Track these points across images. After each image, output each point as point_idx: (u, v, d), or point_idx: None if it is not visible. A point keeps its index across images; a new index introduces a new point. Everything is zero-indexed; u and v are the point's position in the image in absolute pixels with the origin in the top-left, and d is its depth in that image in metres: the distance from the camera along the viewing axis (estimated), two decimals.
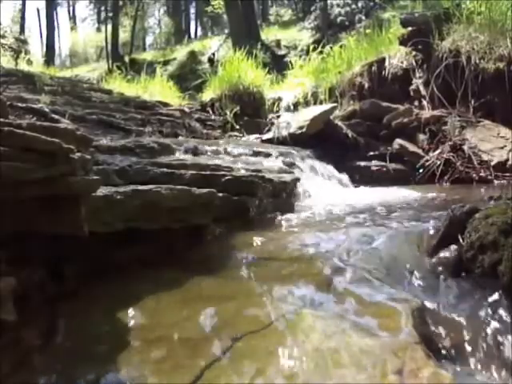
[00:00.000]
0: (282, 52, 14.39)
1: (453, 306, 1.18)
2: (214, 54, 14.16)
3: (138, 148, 2.46)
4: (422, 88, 4.45)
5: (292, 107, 5.47)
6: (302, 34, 15.26)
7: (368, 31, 6.23)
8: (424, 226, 1.76)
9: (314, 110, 4.36)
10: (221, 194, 1.96)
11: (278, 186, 2.49)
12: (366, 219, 2.17)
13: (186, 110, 5.53)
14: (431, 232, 1.54)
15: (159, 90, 6.80)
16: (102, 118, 4.17)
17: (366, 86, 4.90)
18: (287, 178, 2.67)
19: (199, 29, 28.88)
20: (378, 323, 1.08)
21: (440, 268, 1.36)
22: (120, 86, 6.94)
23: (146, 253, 1.62)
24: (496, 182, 3.36)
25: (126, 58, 17.07)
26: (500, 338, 1.04)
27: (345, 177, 3.62)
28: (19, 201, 1.17)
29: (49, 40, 22.59)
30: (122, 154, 2.30)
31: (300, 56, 7.55)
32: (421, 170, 3.66)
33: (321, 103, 5.09)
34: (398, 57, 4.80)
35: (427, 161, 3.68)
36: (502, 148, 3.55)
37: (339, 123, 4.25)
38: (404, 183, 3.57)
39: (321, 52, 6.13)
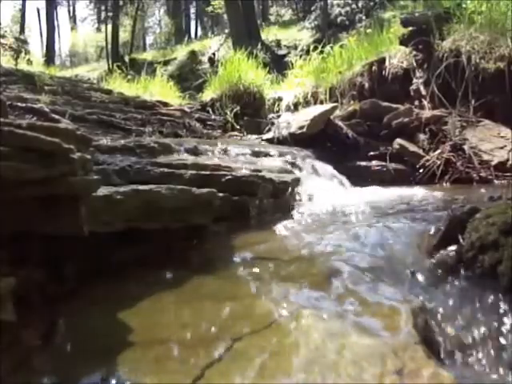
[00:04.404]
0: (282, 52, 14.37)
1: (453, 306, 1.18)
2: (214, 54, 14.16)
3: (138, 148, 2.46)
4: (422, 88, 4.45)
5: (292, 107, 5.46)
6: (302, 34, 15.25)
7: (368, 31, 6.23)
8: (424, 226, 1.76)
9: (314, 110, 4.35)
10: (221, 194, 1.96)
11: (278, 186, 2.49)
12: (366, 219, 2.17)
13: (186, 109, 5.52)
14: (431, 232, 1.53)
15: (159, 89, 6.79)
16: (102, 117, 4.17)
17: (367, 85, 4.90)
18: (287, 178, 2.67)
19: (199, 29, 28.91)
20: (378, 323, 1.08)
21: (440, 268, 1.36)
22: (120, 85, 6.93)
23: (146, 253, 1.62)
24: (496, 181, 3.36)
25: (126, 58, 17.05)
26: (500, 338, 1.04)
27: (345, 177, 3.62)
28: (19, 201, 1.17)
29: (49, 40, 22.60)
30: (122, 154, 2.30)
31: (300, 56, 7.53)
32: (421, 170, 3.66)
33: (321, 103, 5.08)
34: (398, 57, 4.79)
35: (427, 161, 3.67)
36: (502, 148, 3.55)
37: (339, 123, 4.24)
38: (404, 183, 3.56)
39: (321, 52, 6.12)
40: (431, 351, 0.97)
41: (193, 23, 29.04)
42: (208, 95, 6.18)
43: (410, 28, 4.68)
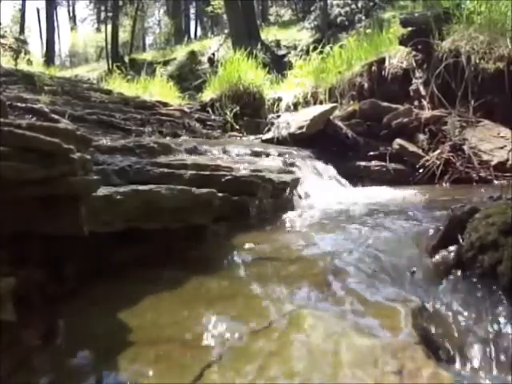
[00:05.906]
0: (282, 52, 14.38)
1: (452, 306, 1.18)
2: (213, 54, 14.17)
3: (137, 148, 2.47)
4: (421, 88, 4.45)
5: (292, 107, 5.47)
6: (302, 34, 15.26)
7: (368, 31, 6.25)
8: (424, 225, 1.77)
9: (314, 110, 4.36)
10: (221, 194, 1.96)
11: (278, 186, 2.49)
12: (366, 219, 2.17)
13: (186, 109, 5.53)
14: (431, 232, 1.54)
15: (159, 90, 6.80)
16: (102, 118, 4.17)
17: (366, 86, 4.91)
18: (287, 178, 2.67)
19: (199, 29, 28.92)
20: (378, 323, 1.08)
21: (440, 268, 1.36)
22: (120, 86, 6.94)
23: (146, 253, 1.62)
24: (496, 182, 3.36)
25: (126, 58, 17.06)
26: (500, 338, 1.04)
27: (344, 177, 3.62)
28: (19, 201, 1.16)
29: (49, 40, 22.61)
30: (122, 154, 2.30)
31: (300, 56, 7.55)
32: (421, 170, 3.66)
33: (321, 103, 5.09)
34: (397, 57, 4.80)
35: (427, 161, 3.68)
36: (501, 148, 3.56)
37: (339, 123, 4.25)
38: (404, 183, 3.57)
39: (321, 52, 6.13)
40: (431, 351, 0.97)
41: (192, 23, 29.10)
42: (208, 95, 6.18)
43: (410, 28, 4.69)
